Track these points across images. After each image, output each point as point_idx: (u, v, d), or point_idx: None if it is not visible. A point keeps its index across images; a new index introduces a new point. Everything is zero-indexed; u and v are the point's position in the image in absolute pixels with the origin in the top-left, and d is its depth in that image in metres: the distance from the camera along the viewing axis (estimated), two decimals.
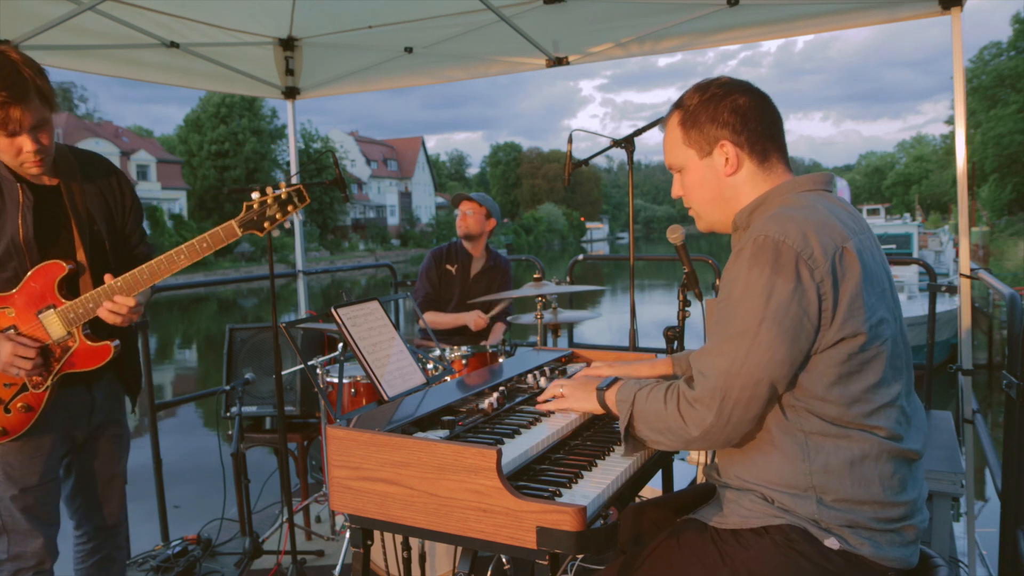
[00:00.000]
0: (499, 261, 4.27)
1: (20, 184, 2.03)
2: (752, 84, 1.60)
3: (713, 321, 1.50)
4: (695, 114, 1.59)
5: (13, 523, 2.10)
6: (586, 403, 1.74)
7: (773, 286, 1.38)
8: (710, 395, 1.42)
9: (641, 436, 1.57)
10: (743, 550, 1.46)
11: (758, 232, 1.42)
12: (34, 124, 1.93)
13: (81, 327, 2.06)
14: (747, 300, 1.40)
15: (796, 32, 3.74)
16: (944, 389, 9.25)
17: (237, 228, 2.04)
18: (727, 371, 1.40)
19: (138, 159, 44.23)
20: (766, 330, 1.37)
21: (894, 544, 1.44)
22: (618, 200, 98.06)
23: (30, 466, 2.09)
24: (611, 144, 2.94)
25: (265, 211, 2.04)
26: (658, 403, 1.51)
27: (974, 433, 3.37)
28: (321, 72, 4.72)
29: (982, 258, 22.66)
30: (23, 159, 1.97)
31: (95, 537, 2.38)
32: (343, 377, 3.05)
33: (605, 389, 1.69)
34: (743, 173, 1.58)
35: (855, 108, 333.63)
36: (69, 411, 2.17)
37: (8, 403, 2.03)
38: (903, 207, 55.66)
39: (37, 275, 2.03)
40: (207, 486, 4.13)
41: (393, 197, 65.64)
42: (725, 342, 1.42)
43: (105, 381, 2.28)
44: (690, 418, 1.45)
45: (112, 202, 2.23)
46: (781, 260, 1.38)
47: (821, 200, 1.51)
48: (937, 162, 61.77)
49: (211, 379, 13.46)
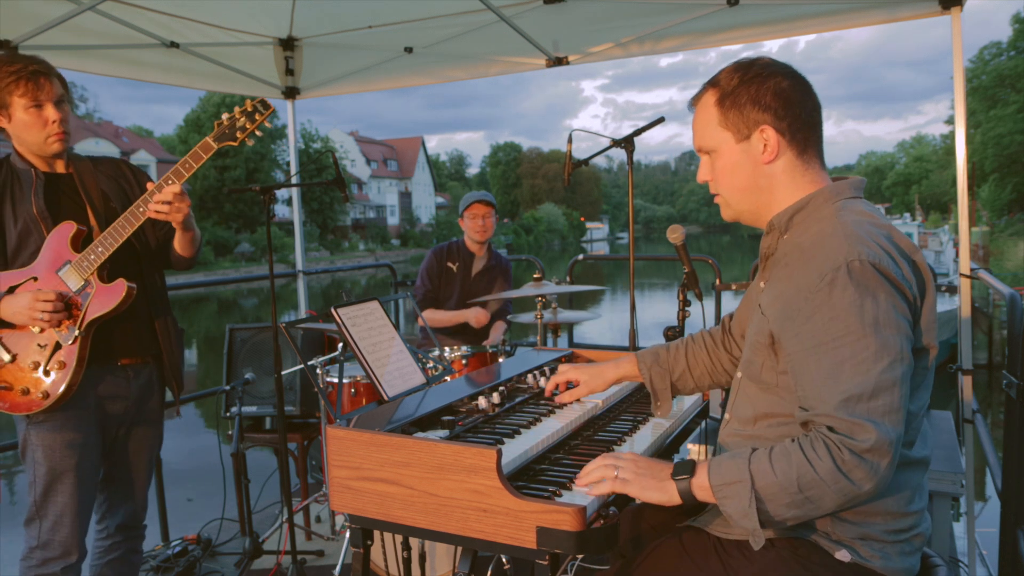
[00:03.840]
0: (500, 261, 4.27)
1: (34, 170, 2.20)
2: (793, 67, 1.50)
3: (826, 366, 1.31)
4: (736, 94, 1.48)
5: (46, 507, 2.17)
6: (659, 494, 1.40)
7: (891, 308, 1.30)
8: (884, 441, 1.25)
9: (776, 516, 1.32)
10: (748, 562, 1.43)
11: (846, 257, 1.32)
12: (57, 98, 2.16)
13: (96, 272, 2.17)
14: (872, 335, 1.29)
15: (796, 32, 3.74)
16: (944, 389, 9.25)
17: (212, 142, 2.18)
18: (887, 409, 1.27)
19: (138, 159, 44.22)
20: (905, 353, 1.31)
21: (903, 555, 1.42)
22: (618, 200, 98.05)
23: (67, 450, 2.16)
24: (611, 144, 2.94)
25: (235, 123, 2.18)
26: (799, 468, 1.28)
27: (974, 433, 3.37)
28: (321, 72, 4.72)
29: (982, 258, 22.66)
30: (49, 131, 2.16)
31: (116, 534, 2.43)
32: (343, 377, 3.05)
33: (690, 476, 1.38)
34: (781, 162, 1.49)
35: (856, 108, 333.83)
36: (104, 397, 2.26)
37: (46, 364, 2.13)
38: (903, 207, 55.67)
39: (52, 239, 2.17)
40: (208, 486, 4.13)
41: (393, 197, 65.63)
42: (869, 379, 1.28)
43: (145, 374, 2.36)
44: (862, 473, 1.26)
45: (126, 186, 2.39)
46: (883, 281, 1.31)
47: (868, 207, 1.47)
48: (937, 162, 61.74)
49: (211, 379, 13.44)
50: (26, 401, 2.11)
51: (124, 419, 2.33)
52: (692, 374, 1.91)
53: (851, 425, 1.26)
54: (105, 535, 2.43)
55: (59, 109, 2.17)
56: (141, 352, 2.34)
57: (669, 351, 1.94)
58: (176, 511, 3.83)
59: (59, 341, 2.15)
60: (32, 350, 2.14)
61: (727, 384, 1.88)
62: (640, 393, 2.19)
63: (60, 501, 2.17)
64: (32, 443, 2.16)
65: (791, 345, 1.39)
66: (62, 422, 2.16)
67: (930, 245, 22.45)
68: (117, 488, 2.41)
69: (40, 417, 2.14)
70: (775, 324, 1.43)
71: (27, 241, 2.17)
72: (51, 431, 2.15)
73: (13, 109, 2.14)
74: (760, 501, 1.31)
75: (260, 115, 2.18)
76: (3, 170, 2.20)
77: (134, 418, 2.36)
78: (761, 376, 1.50)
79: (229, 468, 3.32)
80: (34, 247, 2.17)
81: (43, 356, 2.13)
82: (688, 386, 1.93)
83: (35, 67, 2.13)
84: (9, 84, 2.11)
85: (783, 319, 1.41)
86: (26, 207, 2.17)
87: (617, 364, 1.96)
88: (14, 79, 2.11)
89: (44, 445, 2.15)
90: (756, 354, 1.50)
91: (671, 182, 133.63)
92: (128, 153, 43.16)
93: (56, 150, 2.20)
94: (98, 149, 40.61)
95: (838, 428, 1.28)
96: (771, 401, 1.49)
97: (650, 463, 1.45)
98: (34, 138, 2.17)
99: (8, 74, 2.11)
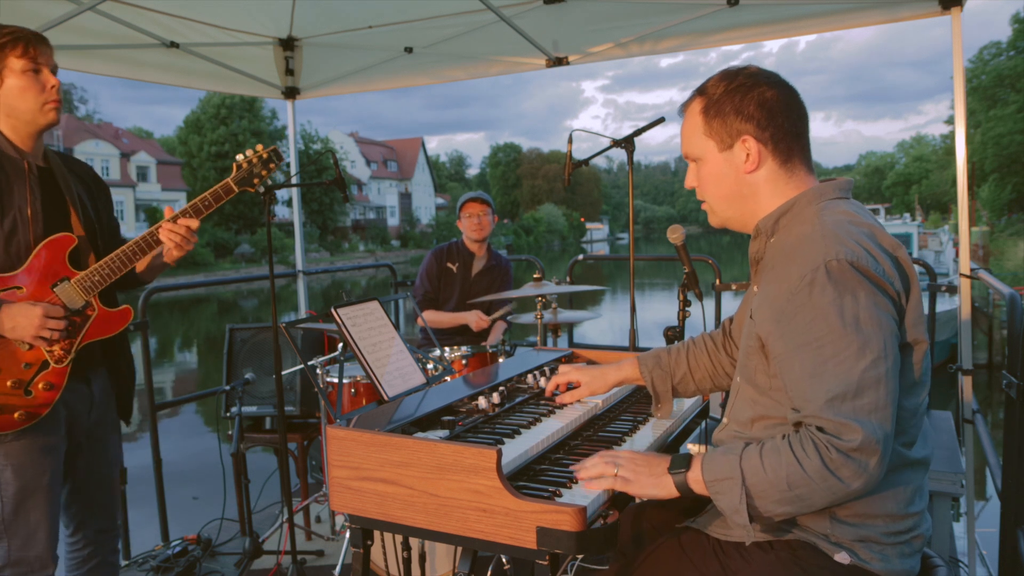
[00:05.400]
0: (500, 261, 4.27)
1: (25, 160, 2.05)
2: (780, 76, 1.51)
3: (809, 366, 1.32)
4: (719, 103, 1.50)
5: (16, 526, 2.03)
6: (656, 489, 1.43)
7: (872, 306, 1.30)
8: (871, 440, 1.25)
9: (765, 512, 1.34)
10: (747, 564, 1.44)
11: (824, 257, 1.32)
12: (53, 67, 2.07)
13: (97, 295, 2.10)
14: (852, 333, 1.29)
15: (795, 32, 3.74)
16: (944, 389, 9.24)
17: (234, 185, 2.26)
18: (873, 407, 1.27)
19: (138, 160, 44.27)
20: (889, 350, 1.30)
21: (903, 556, 1.42)
22: (618, 200, 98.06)
23: (40, 465, 2.04)
24: (611, 144, 2.94)
25: (252, 169, 2.29)
26: (788, 466, 1.30)
27: (974, 433, 3.37)
28: (321, 72, 4.72)
29: (982, 258, 22.65)
30: (47, 96, 2.03)
31: (93, 542, 2.33)
32: (343, 377, 3.05)
33: (685, 470, 1.40)
34: (763, 172, 1.50)
35: (857, 108, 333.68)
36: (71, 407, 2.14)
37: (29, 384, 1.98)
38: (903, 207, 55.68)
39: (46, 248, 2.02)
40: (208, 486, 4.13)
41: (393, 198, 65.64)
42: (852, 377, 1.28)
43: (101, 377, 2.26)
44: (849, 471, 1.26)
45: (96, 192, 2.31)
46: (862, 280, 1.31)
47: (852, 207, 1.47)
48: (937, 162, 61.75)
49: (211, 380, 13.46)
50: (1, 420, 1.96)
51: (87, 424, 2.21)
52: (693, 377, 1.91)
53: (838, 425, 1.27)
54: (82, 545, 2.32)
55: (55, 76, 2.05)
56: (99, 359, 2.23)
57: (671, 354, 1.94)
58: (176, 511, 3.83)
59: (47, 360, 2.01)
60: (15, 369, 1.97)
61: (728, 387, 1.88)
62: (640, 393, 2.19)
63: (33, 519, 2.04)
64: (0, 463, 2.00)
65: (777, 347, 1.40)
66: (32, 439, 2.02)
67: (930, 245, 22.46)
68: (90, 496, 2.29)
69: (10, 436, 1.99)
70: (762, 327, 1.44)
71: (11, 241, 1.98)
72: (21, 451, 2.00)
73: (7, 72, 1.97)
74: (750, 497, 1.33)
75: (274, 164, 2.32)
76: None
77: (97, 422, 2.25)
78: (755, 379, 1.51)
79: (229, 468, 3.32)
80: (15, 250, 1.98)
81: (27, 375, 1.99)
82: (689, 389, 1.93)
83: (34, 31, 2.02)
84: (5, 45, 1.96)
85: (770, 322, 1.41)
86: (19, 200, 1.99)
87: (619, 367, 1.96)
88: (11, 39, 1.97)
89: (14, 464, 2.00)
90: (749, 358, 1.51)
91: (671, 182, 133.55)
92: (128, 155, 43.16)
93: (52, 119, 2.06)
94: (97, 151, 40.62)
95: (826, 428, 1.29)
96: (766, 404, 1.49)
97: (648, 459, 1.47)
98: (29, 104, 2.00)
99: (3, 34, 1.97)
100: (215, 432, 5.96)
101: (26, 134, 2.06)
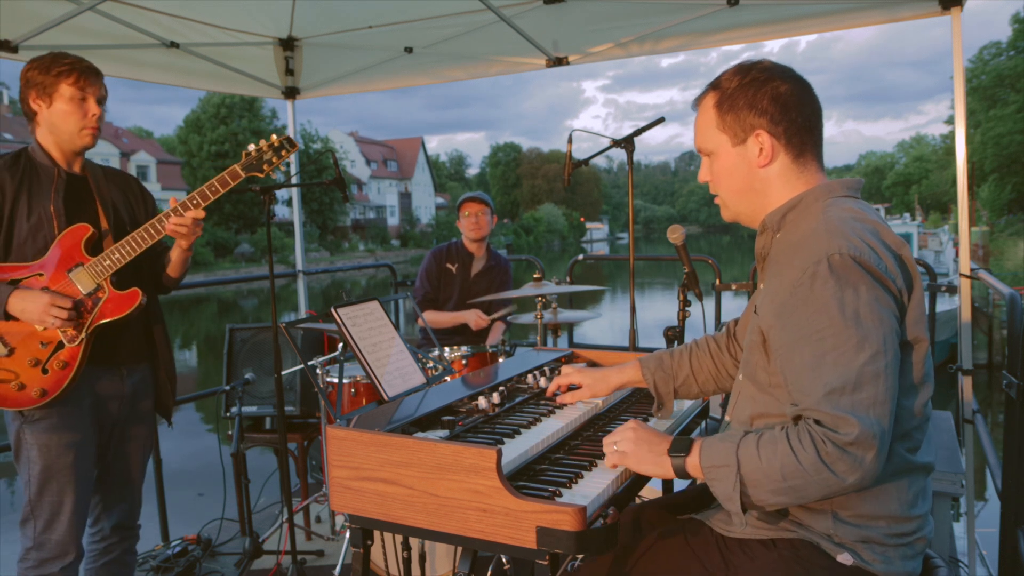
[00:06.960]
0: (500, 261, 4.27)
1: (56, 168, 2.25)
2: (794, 70, 1.50)
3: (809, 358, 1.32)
4: (733, 97, 1.49)
5: (41, 507, 2.16)
6: (655, 468, 1.46)
7: (873, 301, 1.30)
8: (867, 434, 1.25)
9: (759, 502, 1.35)
10: (749, 560, 1.44)
11: (826, 250, 1.32)
12: (100, 97, 2.26)
13: (109, 278, 2.21)
14: (852, 327, 1.28)
15: (796, 32, 3.75)
16: (944, 389, 9.24)
17: (240, 171, 2.29)
18: (872, 401, 1.27)
19: (138, 160, 44.23)
20: (888, 346, 1.30)
21: (905, 558, 1.42)
22: (618, 200, 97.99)
23: (65, 448, 2.16)
24: (611, 144, 2.94)
25: (262, 155, 2.30)
26: (784, 457, 1.30)
27: (974, 433, 3.37)
28: (321, 72, 4.72)
29: (982, 258, 22.66)
30: (86, 123, 2.22)
31: (112, 535, 2.42)
32: (343, 377, 3.05)
33: (685, 454, 1.42)
34: (776, 166, 1.50)
35: (857, 108, 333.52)
36: (101, 396, 2.27)
37: (46, 362, 2.14)
38: (903, 207, 55.69)
39: (64, 238, 2.20)
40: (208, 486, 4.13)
41: (393, 198, 65.62)
42: (851, 371, 1.27)
43: (140, 371, 2.38)
44: (845, 465, 1.26)
45: (133, 200, 2.44)
46: (864, 274, 1.31)
47: (859, 205, 1.47)
48: (937, 162, 61.71)
49: (211, 380, 13.44)
50: (20, 396, 2.11)
51: (119, 419, 2.35)
52: (696, 379, 1.91)
53: (835, 418, 1.27)
54: (99, 537, 2.42)
55: (100, 107, 2.25)
56: (138, 356, 2.38)
57: (673, 356, 1.94)
58: (176, 511, 3.83)
59: (62, 340, 2.16)
60: (33, 347, 2.14)
61: (731, 388, 1.88)
62: (640, 393, 2.19)
63: (55, 500, 2.16)
64: (27, 442, 2.16)
65: (778, 340, 1.40)
66: (58, 420, 2.16)
67: (930, 245, 22.47)
68: (112, 488, 2.41)
69: (36, 415, 2.15)
70: (764, 320, 1.45)
71: (36, 236, 2.18)
72: (47, 430, 2.15)
73: (57, 96, 2.18)
74: (744, 486, 1.34)
75: (286, 151, 2.32)
76: (22, 162, 2.22)
77: (128, 417, 2.38)
78: (756, 376, 1.51)
79: (229, 468, 3.32)
80: (42, 243, 2.18)
81: (44, 354, 2.14)
82: (692, 391, 1.93)
83: (89, 64, 2.23)
84: (61, 72, 2.17)
85: (772, 315, 1.42)
86: (42, 203, 2.20)
87: (621, 369, 1.96)
88: (68, 68, 2.18)
89: (39, 444, 2.15)
90: (752, 354, 1.52)
91: (671, 182, 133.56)
92: (128, 154, 43.13)
93: (87, 143, 2.25)
94: (98, 150, 40.49)
95: (824, 421, 1.29)
96: (766, 401, 1.49)
97: (650, 433, 1.50)
98: (70, 127, 2.21)
99: (63, 63, 2.18)
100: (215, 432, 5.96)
101: (64, 151, 2.27)
